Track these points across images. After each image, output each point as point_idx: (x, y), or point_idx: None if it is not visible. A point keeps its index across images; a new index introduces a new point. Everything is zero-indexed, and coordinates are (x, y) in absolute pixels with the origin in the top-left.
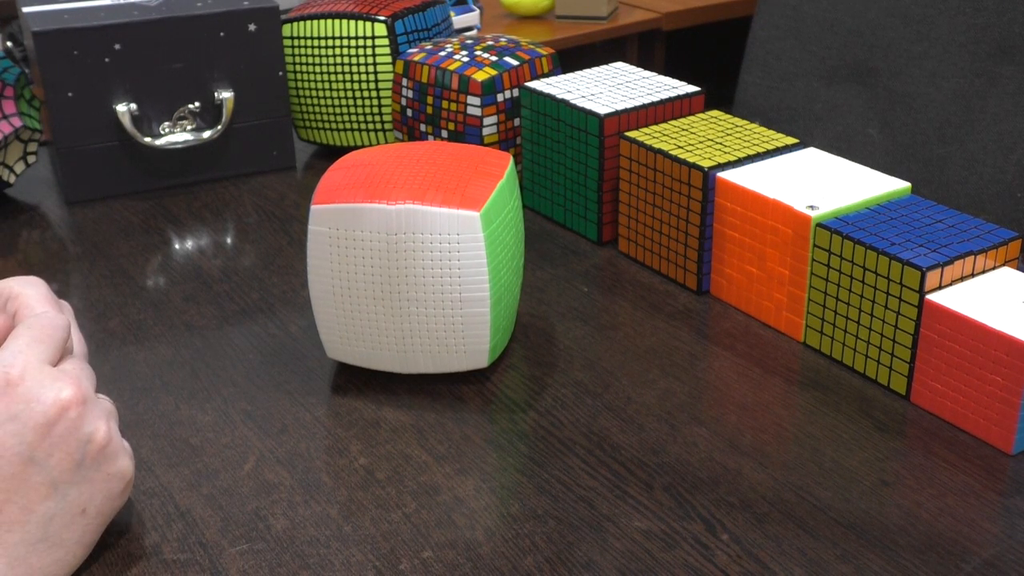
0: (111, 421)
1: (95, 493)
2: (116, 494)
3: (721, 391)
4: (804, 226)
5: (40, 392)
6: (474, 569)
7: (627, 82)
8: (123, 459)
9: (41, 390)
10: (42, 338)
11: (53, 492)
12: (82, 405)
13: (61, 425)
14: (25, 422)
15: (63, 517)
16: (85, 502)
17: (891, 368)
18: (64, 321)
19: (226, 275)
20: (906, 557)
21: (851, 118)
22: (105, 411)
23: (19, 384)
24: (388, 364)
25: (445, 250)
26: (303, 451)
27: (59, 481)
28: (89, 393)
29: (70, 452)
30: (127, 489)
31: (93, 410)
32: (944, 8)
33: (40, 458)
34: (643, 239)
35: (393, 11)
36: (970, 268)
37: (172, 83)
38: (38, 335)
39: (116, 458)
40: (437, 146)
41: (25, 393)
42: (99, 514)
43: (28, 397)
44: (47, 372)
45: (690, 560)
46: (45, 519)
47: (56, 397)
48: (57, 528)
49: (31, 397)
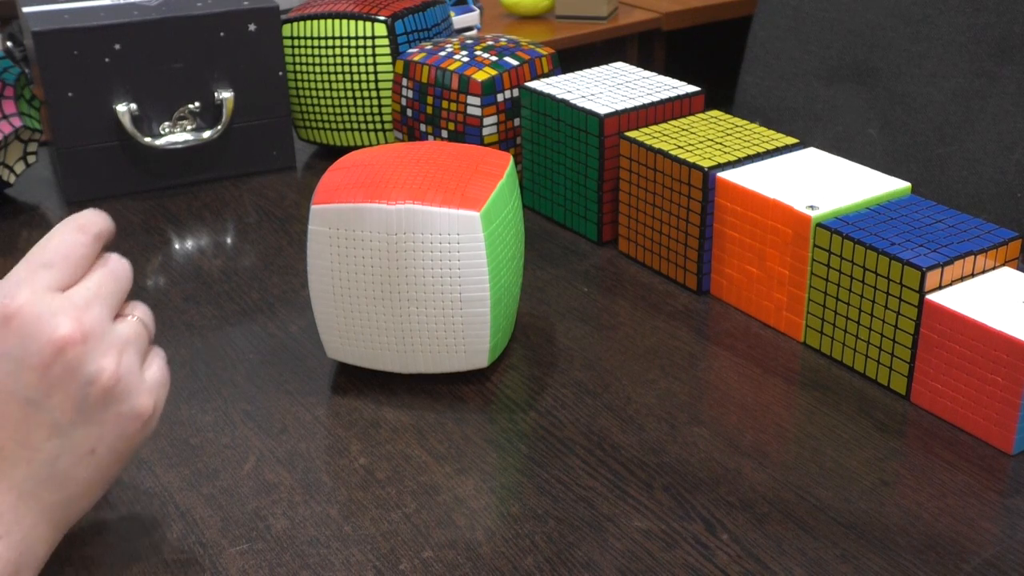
0: (125, 356)
1: (105, 434)
2: (131, 434)
3: (721, 391)
4: (804, 226)
5: (36, 328)
6: (474, 569)
7: (627, 82)
8: (138, 398)
9: (37, 326)
10: (53, 261)
11: (56, 432)
12: (82, 344)
13: (59, 366)
14: (20, 361)
15: (70, 456)
16: (94, 443)
17: (891, 368)
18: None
19: (226, 275)
20: (906, 557)
21: (851, 118)
22: (117, 344)
23: (15, 318)
24: (388, 364)
25: (445, 250)
26: (303, 451)
27: (61, 422)
28: (93, 327)
29: (70, 394)
30: (147, 427)
31: (98, 346)
32: (944, 8)
33: (38, 399)
34: (643, 239)
35: (393, 11)
36: (970, 268)
37: (172, 83)
38: (49, 258)
39: (128, 398)
40: (437, 146)
41: (20, 328)
42: (111, 452)
43: (22, 332)
44: (47, 304)
45: (690, 560)
46: (51, 458)
47: (51, 336)
48: (65, 467)
49: (25, 333)
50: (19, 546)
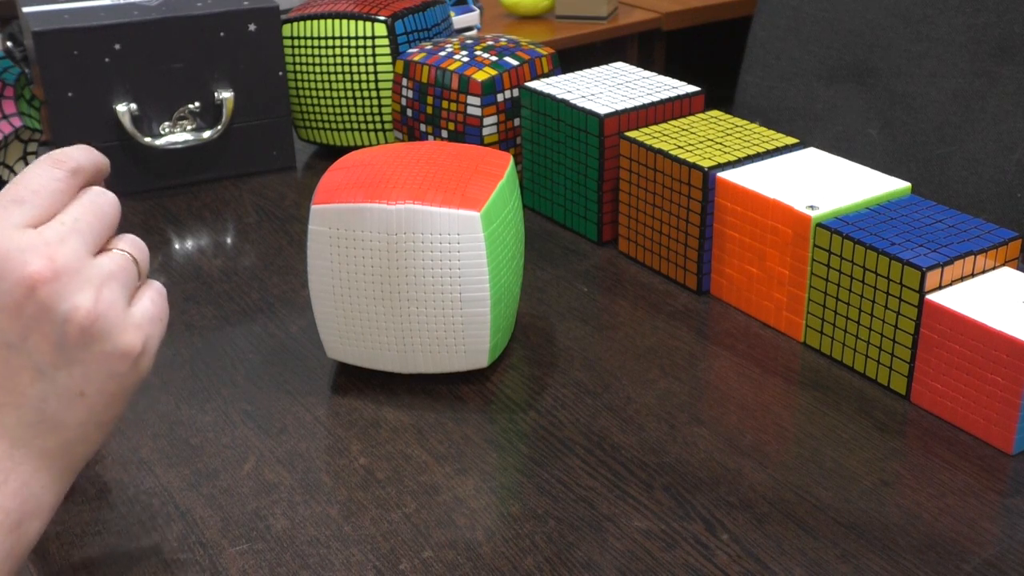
0: (104, 290)
1: (90, 374)
2: (121, 373)
3: (721, 391)
4: (804, 226)
5: (4, 267)
6: (474, 569)
7: (627, 82)
8: (122, 335)
9: (5, 264)
10: (23, 197)
11: (39, 376)
12: (54, 281)
13: (31, 306)
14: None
15: (58, 400)
16: (80, 384)
17: (891, 368)
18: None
19: (226, 275)
20: (906, 557)
21: (851, 118)
22: (97, 278)
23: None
24: (388, 364)
25: (445, 250)
26: (303, 451)
27: (43, 364)
28: (67, 262)
29: (47, 334)
30: (138, 365)
31: (73, 282)
32: (944, 8)
33: (15, 342)
34: (643, 239)
35: (393, 11)
36: (970, 268)
37: (172, 83)
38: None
39: (111, 335)
40: (437, 146)
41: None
42: (102, 394)
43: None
44: (15, 240)
45: (690, 560)
46: (38, 402)
47: (21, 274)
48: (54, 410)
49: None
50: (18, 494)
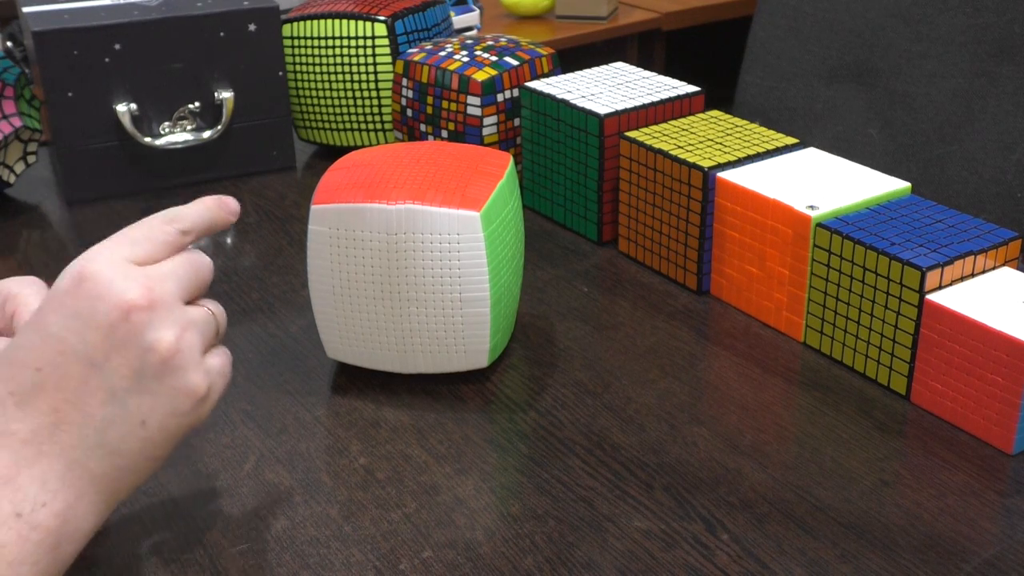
0: (187, 333)
1: (156, 406)
2: (182, 412)
3: (721, 391)
4: (804, 226)
5: (107, 290)
6: (474, 569)
7: (627, 82)
8: (193, 375)
9: (109, 288)
10: (136, 239)
11: (111, 398)
12: (149, 310)
13: (123, 328)
14: (87, 321)
15: (121, 426)
16: (145, 414)
17: (891, 368)
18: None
19: (226, 275)
20: (906, 557)
21: (851, 118)
22: (182, 321)
23: (89, 280)
24: (388, 364)
25: (445, 250)
26: (303, 451)
27: (117, 387)
28: (163, 298)
29: (129, 358)
30: (199, 409)
31: (164, 317)
32: (944, 8)
33: (99, 360)
34: (643, 239)
35: (393, 11)
36: (970, 268)
37: (172, 83)
38: (133, 235)
39: (184, 373)
40: (437, 146)
41: (92, 289)
42: (162, 429)
43: (94, 294)
44: (122, 271)
45: (690, 560)
46: (102, 424)
47: (121, 298)
48: (115, 436)
49: (97, 294)
50: (62, 515)
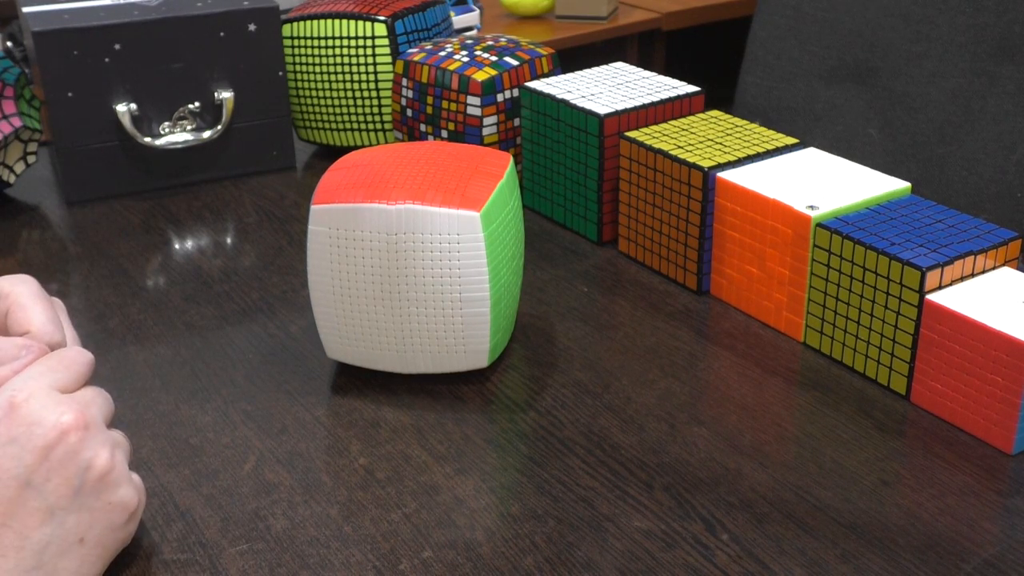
0: (117, 451)
1: (94, 522)
2: (118, 525)
3: (721, 391)
4: (804, 226)
5: (41, 415)
6: (474, 569)
7: (627, 82)
8: (126, 489)
9: (43, 413)
10: (59, 367)
11: (50, 518)
12: (83, 431)
13: (60, 449)
14: (24, 445)
15: (59, 545)
16: (83, 531)
17: (891, 368)
18: (88, 357)
19: (226, 275)
20: (906, 557)
21: (851, 118)
22: (111, 440)
23: (22, 407)
24: (388, 364)
25: (445, 250)
26: (303, 451)
27: (56, 507)
28: (93, 420)
29: (68, 477)
30: (131, 521)
31: (96, 437)
32: (944, 8)
33: (37, 482)
34: (643, 239)
35: (393, 11)
36: (970, 268)
37: (172, 83)
38: (56, 364)
39: (118, 487)
40: (437, 146)
41: (27, 416)
42: (98, 544)
43: (29, 420)
44: (53, 397)
45: (690, 560)
46: (40, 546)
47: (56, 421)
48: (53, 556)
49: (32, 420)
50: None
